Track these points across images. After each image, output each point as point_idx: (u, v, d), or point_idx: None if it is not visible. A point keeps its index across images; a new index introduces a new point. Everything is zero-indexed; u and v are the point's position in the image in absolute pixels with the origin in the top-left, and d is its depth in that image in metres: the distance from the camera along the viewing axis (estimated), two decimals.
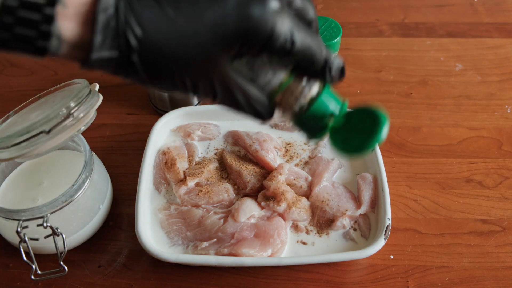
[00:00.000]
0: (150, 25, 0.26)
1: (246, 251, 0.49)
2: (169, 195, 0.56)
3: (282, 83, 0.34)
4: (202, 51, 0.28)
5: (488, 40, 0.81)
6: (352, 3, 0.88)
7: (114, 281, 0.51)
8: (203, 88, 0.30)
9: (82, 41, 0.26)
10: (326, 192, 0.55)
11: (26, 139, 0.42)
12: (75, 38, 0.26)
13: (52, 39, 0.25)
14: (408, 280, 0.51)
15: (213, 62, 0.29)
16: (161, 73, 0.28)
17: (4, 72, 0.76)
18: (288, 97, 0.34)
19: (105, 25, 0.25)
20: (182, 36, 0.27)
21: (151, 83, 0.29)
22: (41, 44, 0.25)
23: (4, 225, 0.49)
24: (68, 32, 0.26)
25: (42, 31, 0.25)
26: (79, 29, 0.26)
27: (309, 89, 0.34)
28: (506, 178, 0.61)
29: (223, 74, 0.30)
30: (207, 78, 0.29)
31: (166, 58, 0.27)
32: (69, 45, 0.26)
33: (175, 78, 0.29)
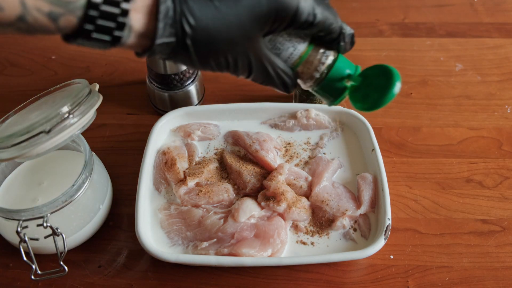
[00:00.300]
0: (200, 14, 0.31)
1: (246, 251, 0.49)
2: (169, 195, 0.56)
3: (302, 55, 0.39)
4: (242, 31, 0.33)
5: (488, 40, 0.81)
6: (352, 3, 0.88)
7: (114, 281, 0.51)
8: (241, 64, 0.35)
9: (147, 30, 0.31)
10: (326, 192, 0.55)
11: (26, 139, 0.42)
12: (141, 27, 0.31)
13: (125, 29, 0.30)
14: (408, 280, 0.51)
15: (250, 40, 0.34)
16: (209, 54, 0.33)
17: (4, 72, 0.76)
18: (308, 66, 0.39)
19: (165, 14, 0.30)
20: (226, 20, 0.32)
21: (200, 63, 0.34)
22: (117, 34, 0.30)
23: (4, 225, 0.49)
24: (137, 22, 0.31)
25: (119, 22, 0.30)
26: (145, 19, 0.31)
27: (326, 57, 0.39)
28: (506, 178, 0.61)
29: (257, 50, 0.35)
30: (245, 55, 0.35)
31: (214, 40, 0.33)
32: (136, 34, 0.31)
33: (220, 57, 0.34)
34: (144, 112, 0.69)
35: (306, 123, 0.63)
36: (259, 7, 0.33)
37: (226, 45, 0.33)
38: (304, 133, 0.64)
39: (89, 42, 0.31)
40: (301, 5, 0.34)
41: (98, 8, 0.29)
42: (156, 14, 0.30)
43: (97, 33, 0.30)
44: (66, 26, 0.29)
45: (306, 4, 0.34)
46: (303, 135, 0.63)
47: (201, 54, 0.33)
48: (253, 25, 0.33)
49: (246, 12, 0.32)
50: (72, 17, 0.29)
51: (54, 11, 0.28)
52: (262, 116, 0.65)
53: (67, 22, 0.29)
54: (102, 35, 0.30)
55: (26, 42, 0.81)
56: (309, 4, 0.34)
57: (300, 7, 0.34)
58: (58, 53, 0.79)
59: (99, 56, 0.78)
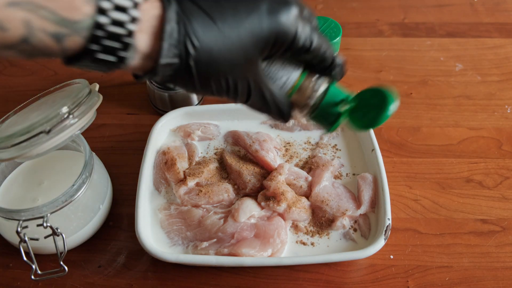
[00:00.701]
0: (204, 36, 0.32)
1: (246, 251, 0.49)
2: (169, 195, 0.56)
3: (296, 83, 0.39)
4: (243, 54, 0.34)
5: (488, 40, 0.81)
6: (352, 3, 0.88)
7: (114, 281, 0.51)
8: (241, 87, 0.35)
9: (152, 50, 0.31)
10: (326, 192, 0.55)
11: (26, 139, 0.42)
12: (146, 48, 0.31)
13: (130, 50, 0.30)
14: (408, 280, 0.51)
15: (251, 63, 0.34)
16: (211, 76, 0.34)
17: (4, 72, 0.76)
18: (302, 94, 0.39)
19: (170, 35, 0.30)
20: (228, 42, 0.33)
21: (201, 85, 0.34)
22: (122, 54, 0.30)
23: (4, 225, 0.49)
24: (142, 42, 0.30)
25: (125, 42, 0.30)
26: (150, 40, 0.31)
27: (319, 84, 0.39)
28: (506, 178, 0.61)
29: (257, 75, 0.36)
30: (245, 79, 0.35)
31: (216, 61, 0.33)
32: (140, 55, 0.31)
33: (221, 79, 0.34)
34: (144, 112, 0.69)
35: (306, 123, 0.63)
36: (260, 30, 0.33)
37: (228, 67, 0.34)
38: (304, 133, 0.64)
39: (93, 64, 0.30)
40: (299, 31, 0.35)
41: (104, 29, 0.29)
42: (161, 34, 0.30)
43: (102, 53, 0.30)
44: (71, 47, 0.29)
45: (304, 30, 0.35)
46: (303, 135, 0.63)
47: (203, 76, 0.33)
48: (254, 48, 0.34)
49: (247, 35, 0.33)
50: (77, 38, 0.29)
51: (60, 32, 0.28)
52: (262, 116, 0.64)
53: (72, 42, 0.29)
54: (107, 56, 0.30)
55: None
56: (306, 31, 0.35)
57: (298, 33, 0.35)
58: None
59: None
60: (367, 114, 0.39)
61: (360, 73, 0.75)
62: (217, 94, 0.36)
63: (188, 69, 0.32)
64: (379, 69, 0.76)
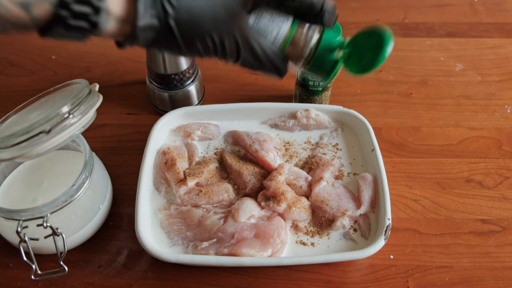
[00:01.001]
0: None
1: (246, 251, 0.49)
2: (169, 195, 0.56)
3: (288, 35, 0.38)
4: (225, 8, 0.33)
5: (488, 40, 0.81)
6: (352, 3, 0.88)
7: (114, 281, 0.51)
8: (228, 44, 0.34)
9: (127, 13, 0.30)
10: (326, 192, 0.55)
11: (26, 139, 0.42)
12: (120, 11, 0.30)
13: (103, 14, 0.29)
14: (408, 280, 0.51)
15: (235, 17, 0.33)
16: (195, 35, 0.33)
17: (4, 72, 0.76)
18: (296, 45, 0.38)
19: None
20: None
21: (186, 46, 0.33)
22: (94, 18, 0.29)
23: (4, 225, 0.49)
24: (114, 6, 0.30)
25: (95, 6, 0.29)
26: (123, 2, 0.30)
27: (312, 32, 0.38)
28: (506, 178, 0.61)
29: (244, 30, 0.35)
30: (231, 34, 0.34)
31: (198, 19, 0.32)
32: (115, 19, 0.30)
33: (206, 37, 0.33)
34: (144, 112, 0.69)
35: (306, 123, 0.63)
36: None
37: (211, 23, 0.33)
38: (304, 133, 0.64)
39: (67, 32, 0.30)
40: None
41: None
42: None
43: (73, 19, 0.29)
44: (40, 15, 0.28)
45: None
46: (303, 135, 0.63)
47: (187, 36, 0.32)
48: (237, 2, 0.33)
49: None
50: (45, 4, 0.28)
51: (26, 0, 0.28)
52: (262, 116, 0.65)
53: (40, 10, 0.28)
54: (79, 21, 0.29)
55: (26, 42, 0.81)
56: None
57: None
58: (58, 53, 0.79)
59: (99, 56, 0.78)
60: (364, 57, 0.38)
61: None
62: (205, 54, 0.35)
63: (169, 30, 0.32)
64: (379, 69, 0.76)
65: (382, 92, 0.72)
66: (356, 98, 0.71)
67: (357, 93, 0.72)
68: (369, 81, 0.74)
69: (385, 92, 0.72)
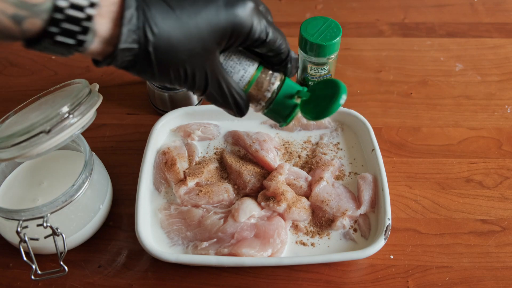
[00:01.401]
0: (162, 22, 0.33)
1: (246, 251, 0.49)
2: (169, 195, 0.56)
3: (253, 77, 0.41)
4: (201, 43, 0.35)
5: (488, 40, 0.81)
6: (352, 3, 0.88)
7: (114, 281, 0.51)
8: (198, 77, 0.36)
9: (111, 35, 0.32)
10: (326, 192, 0.55)
11: (26, 139, 0.42)
12: (106, 32, 0.31)
13: (90, 33, 0.31)
14: (408, 280, 0.51)
15: (208, 53, 0.36)
16: (169, 63, 0.34)
17: (4, 72, 0.76)
18: (259, 88, 0.41)
19: (129, 20, 0.31)
20: (187, 30, 0.34)
21: (159, 72, 0.35)
22: (81, 38, 0.31)
23: (4, 225, 0.49)
24: (101, 27, 0.31)
25: (84, 26, 0.30)
26: (109, 25, 0.31)
27: (275, 77, 0.41)
28: (506, 178, 0.61)
29: (214, 66, 0.37)
30: (203, 68, 0.36)
31: (175, 48, 0.34)
32: (100, 40, 0.32)
33: (179, 67, 0.35)
34: (144, 112, 0.69)
35: (306, 123, 0.63)
36: (217, 21, 0.35)
37: (186, 55, 0.34)
38: (304, 133, 0.64)
39: (53, 46, 0.31)
40: (255, 23, 0.36)
41: (63, 12, 0.29)
42: (120, 19, 0.31)
43: (61, 36, 0.30)
44: (30, 29, 0.30)
45: (259, 23, 0.37)
46: (303, 135, 0.63)
47: (162, 63, 0.34)
48: (212, 38, 0.35)
49: (205, 25, 0.34)
50: (37, 20, 0.29)
51: (19, 14, 0.28)
52: (262, 116, 0.64)
53: (31, 25, 0.29)
54: (67, 39, 0.30)
55: None
56: (263, 23, 0.37)
57: (254, 25, 0.36)
58: None
59: None
60: (319, 105, 0.40)
61: (360, 73, 0.75)
62: (175, 82, 0.36)
63: (147, 55, 0.33)
64: (379, 69, 0.76)
65: (382, 92, 0.72)
66: (356, 98, 0.71)
67: (357, 93, 0.72)
68: (369, 81, 0.74)
69: (385, 92, 0.72)
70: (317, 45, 0.57)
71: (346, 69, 0.76)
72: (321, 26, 0.58)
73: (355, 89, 0.73)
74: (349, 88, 0.73)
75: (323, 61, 0.59)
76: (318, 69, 0.60)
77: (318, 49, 0.57)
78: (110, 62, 0.33)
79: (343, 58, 0.77)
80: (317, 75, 0.61)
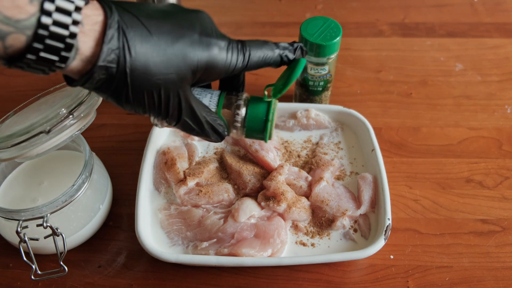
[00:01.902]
0: (141, 46, 0.34)
1: (246, 251, 0.49)
2: (169, 195, 0.56)
3: (220, 97, 0.43)
4: (177, 72, 0.36)
5: (488, 40, 0.81)
6: (352, 3, 0.88)
7: (114, 281, 0.51)
8: (172, 104, 0.37)
9: (92, 53, 0.32)
10: (326, 192, 0.55)
11: (26, 139, 0.42)
12: (87, 50, 0.32)
13: (73, 51, 0.31)
14: (408, 280, 0.51)
15: (183, 82, 0.37)
16: (145, 86, 0.35)
17: (4, 72, 0.76)
18: (228, 113, 0.43)
19: (110, 39, 0.32)
20: (164, 57, 0.35)
21: (134, 96, 0.35)
22: (65, 54, 0.31)
23: (4, 225, 0.49)
24: (84, 44, 0.32)
25: (67, 43, 0.31)
26: (92, 43, 0.32)
27: (240, 95, 0.43)
28: (506, 178, 0.61)
29: (188, 93, 0.38)
30: (177, 94, 0.37)
31: (151, 72, 0.35)
32: (81, 57, 0.32)
33: (154, 91, 0.36)
34: None
35: (306, 123, 0.63)
36: (193, 54, 0.36)
37: (162, 79, 0.35)
38: (304, 133, 0.64)
39: (35, 64, 0.31)
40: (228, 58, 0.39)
41: (47, 29, 0.30)
42: (102, 38, 0.32)
43: (45, 52, 0.30)
44: (13, 45, 0.30)
45: (232, 56, 0.39)
46: (303, 135, 0.63)
47: (137, 86, 0.35)
48: (187, 68, 0.36)
49: (181, 54, 0.36)
50: (20, 36, 0.29)
51: (2, 29, 0.28)
52: None
53: (14, 41, 0.29)
54: (51, 55, 0.31)
55: None
56: (234, 58, 0.39)
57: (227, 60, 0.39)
58: None
59: None
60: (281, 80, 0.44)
61: (360, 73, 0.75)
62: (148, 109, 0.37)
63: (123, 76, 0.34)
64: (379, 69, 0.76)
65: (382, 92, 0.72)
66: (356, 98, 0.71)
67: (357, 93, 0.72)
68: (369, 81, 0.74)
69: (385, 92, 0.72)
70: (317, 45, 0.57)
71: (346, 69, 0.76)
72: (321, 26, 0.58)
73: (355, 89, 0.73)
74: (349, 88, 0.73)
75: (323, 61, 0.59)
76: (318, 69, 0.60)
77: (318, 49, 0.57)
78: (86, 80, 0.33)
79: (343, 58, 0.77)
80: (317, 75, 0.61)
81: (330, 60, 0.59)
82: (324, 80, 0.62)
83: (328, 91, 0.65)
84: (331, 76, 0.62)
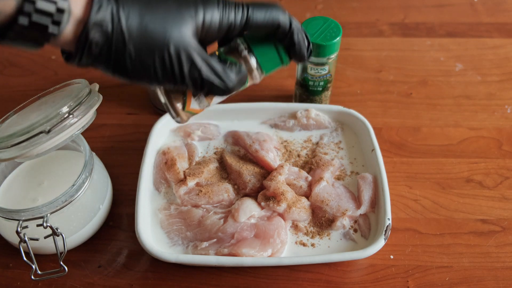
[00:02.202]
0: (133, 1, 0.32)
1: (246, 251, 0.49)
2: (169, 195, 0.56)
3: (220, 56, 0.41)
4: (175, 25, 0.34)
5: (488, 40, 0.81)
6: (352, 3, 0.88)
7: (114, 281, 0.51)
8: (185, 59, 0.34)
9: (83, 14, 0.31)
10: (326, 192, 0.55)
11: (26, 139, 0.42)
12: (79, 13, 0.31)
13: (65, 14, 0.30)
14: (408, 280, 0.51)
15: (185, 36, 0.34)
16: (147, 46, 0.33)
17: (4, 72, 0.76)
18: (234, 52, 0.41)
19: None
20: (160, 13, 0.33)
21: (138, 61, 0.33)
22: (57, 18, 0.30)
23: (4, 225, 0.49)
24: (75, 7, 0.31)
25: (59, 6, 0.30)
26: (83, 4, 0.31)
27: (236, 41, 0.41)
28: (506, 178, 0.61)
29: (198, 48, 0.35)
30: (184, 49, 0.34)
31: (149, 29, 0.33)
32: (74, 21, 0.31)
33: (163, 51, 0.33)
34: (144, 112, 0.69)
35: (306, 123, 0.63)
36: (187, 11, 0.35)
37: (163, 37, 0.33)
38: (304, 133, 0.64)
39: (27, 30, 0.30)
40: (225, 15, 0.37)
41: None
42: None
43: (36, 14, 0.29)
44: (4, 9, 0.29)
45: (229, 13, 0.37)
46: (303, 135, 0.63)
47: (137, 47, 0.33)
48: (185, 24, 0.34)
49: (175, 9, 0.34)
50: (10, 1, 0.29)
51: None
52: (262, 116, 0.65)
53: (5, 6, 0.29)
54: (43, 17, 0.30)
55: None
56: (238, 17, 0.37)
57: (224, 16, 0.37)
58: (58, 53, 0.79)
59: None
60: None
61: (360, 73, 0.75)
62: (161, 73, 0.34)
63: (121, 37, 0.32)
64: (379, 69, 0.76)
65: (382, 92, 0.72)
66: (356, 98, 0.71)
67: (357, 93, 0.72)
68: (369, 81, 0.74)
69: (385, 92, 0.72)
70: (317, 45, 0.57)
71: (346, 69, 0.76)
72: (321, 26, 0.58)
73: (355, 89, 0.73)
74: (349, 88, 0.73)
75: (323, 61, 0.59)
76: (318, 69, 0.60)
77: (318, 49, 0.57)
78: (82, 47, 0.32)
79: (343, 58, 0.77)
80: (317, 75, 0.61)
81: (330, 60, 0.59)
82: (324, 80, 0.62)
83: (328, 91, 0.65)
84: (331, 76, 0.62)
